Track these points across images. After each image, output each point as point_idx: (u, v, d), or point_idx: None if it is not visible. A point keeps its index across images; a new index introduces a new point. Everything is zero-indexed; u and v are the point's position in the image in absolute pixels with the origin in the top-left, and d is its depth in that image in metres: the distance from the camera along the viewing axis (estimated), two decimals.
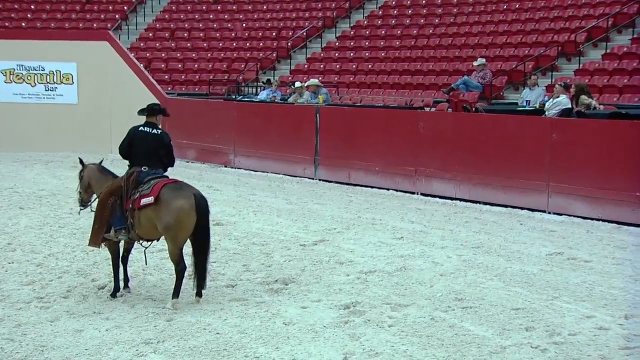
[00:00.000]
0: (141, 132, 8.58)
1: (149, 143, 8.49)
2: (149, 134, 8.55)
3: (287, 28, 28.79)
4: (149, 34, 29.82)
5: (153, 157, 8.51)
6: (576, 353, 6.75)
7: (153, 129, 8.61)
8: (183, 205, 7.99)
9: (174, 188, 8.18)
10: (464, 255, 10.35)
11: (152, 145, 8.49)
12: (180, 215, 7.99)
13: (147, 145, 8.49)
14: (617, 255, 10.38)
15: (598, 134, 12.93)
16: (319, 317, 7.76)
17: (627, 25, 21.07)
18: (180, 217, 8.00)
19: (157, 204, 8.07)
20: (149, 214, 8.14)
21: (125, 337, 7.23)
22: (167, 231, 8.08)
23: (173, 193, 8.10)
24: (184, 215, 8.00)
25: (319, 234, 11.72)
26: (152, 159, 8.49)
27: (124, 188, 8.39)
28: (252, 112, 19.75)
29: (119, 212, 8.35)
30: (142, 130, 8.59)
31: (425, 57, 23.57)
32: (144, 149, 8.48)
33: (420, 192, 15.36)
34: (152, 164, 8.49)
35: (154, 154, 8.51)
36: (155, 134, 8.56)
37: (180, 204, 8.00)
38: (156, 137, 8.54)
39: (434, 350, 6.83)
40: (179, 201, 8.02)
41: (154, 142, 8.51)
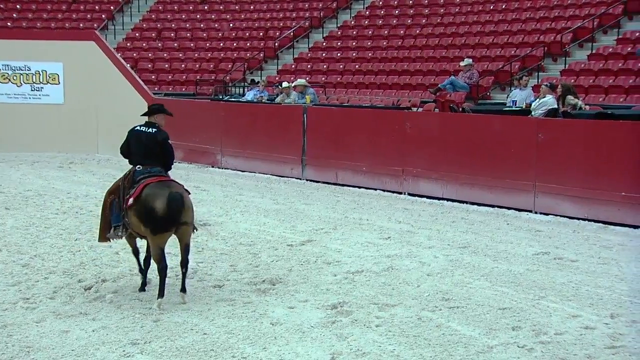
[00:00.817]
0: (137, 131, 8.63)
1: (143, 142, 8.52)
2: (143, 133, 8.58)
3: (274, 28, 28.79)
4: (136, 33, 29.76)
5: (148, 155, 8.51)
6: (562, 352, 6.78)
7: (149, 128, 8.62)
8: (157, 206, 8.01)
9: (156, 187, 8.18)
10: (451, 255, 10.37)
11: (145, 144, 8.51)
12: (154, 214, 8.03)
13: (141, 145, 8.53)
14: (603, 254, 10.43)
15: (584, 134, 12.99)
16: (306, 317, 7.76)
17: (613, 26, 21.19)
18: (153, 216, 8.03)
19: (137, 204, 8.12)
20: (134, 214, 8.20)
21: (111, 338, 7.20)
22: (146, 230, 8.14)
23: (152, 193, 8.11)
24: (157, 215, 8.02)
25: (306, 234, 11.72)
26: (147, 158, 8.51)
27: (121, 187, 8.51)
28: (239, 112, 19.73)
29: (116, 211, 8.49)
30: (138, 130, 8.64)
31: (412, 57, 23.63)
32: (139, 148, 8.54)
33: (407, 192, 15.38)
34: (148, 163, 8.49)
35: (149, 152, 8.52)
36: (150, 132, 8.57)
37: (156, 205, 8.03)
38: (149, 136, 8.55)
39: (421, 350, 6.85)
40: (155, 201, 8.04)
41: (148, 141, 8.52)
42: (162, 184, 8.27)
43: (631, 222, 12.07)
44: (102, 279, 9.14)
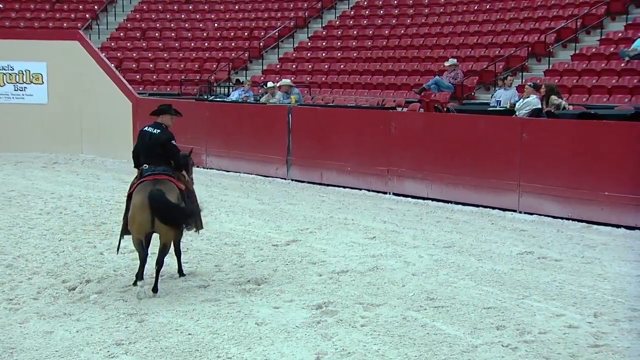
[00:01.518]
0: (144, 131, 8.97)
1: (147, 142, 8.84)
2: (148, 133, 8.90)
3: (259, 28, 28.77)
4: (120, 33, 29.65)
5: (151, 155, 8.81)
6: (546, 351, 6.81)
7: (155, 129, 8.92)
8: (135, 202, 8.40)
9: (142, 185, 8.50)
10: (435, 254, 10.40)
11: (149, 144, 8.81)
12: (133, 210, 8.45)
13: (145, 145, 8.85)
14: (587, 254, 10.49)
15: (568, 134, 13.05)
16: (291, 317, 7.76)
17: (596, 27, 21.30)
18: (133, 212, 8.46)
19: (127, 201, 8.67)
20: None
21: (96, 339, 7.18)
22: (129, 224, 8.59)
23: (138, 189, 8.49)
24: (135, 211, 8.41)
25: (291, 234, 11.72)
26: (150, 158, 8.81)
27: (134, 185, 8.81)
28: (224, 112, 19.69)
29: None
30: (145, 130, 8.98)
31: (397, 57, 23.67)
32: (144, 148, 8.87)
33: (392, 192, 15.41)
34: (153, 162, 8.79)
35: (151, 152, 8.81)
36: (153, 133, 8.87)
37: (134, 201, 8.44)
38: (153, 137, 8.84)
39: (406, 350, 6.86)
40: (136, 197, 8.44)
41: (151, 142, 8.82)
42: (151, 182, 8.51)
43: (614, 221, 12.15)
44: (87, 279, 9.11)
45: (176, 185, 8.72)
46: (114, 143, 21.63)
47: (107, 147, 21.67)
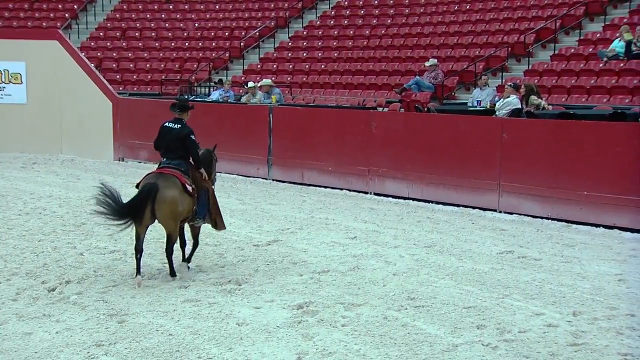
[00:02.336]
0: (165, 127, 9.42)
1: (167, 137, 9.31)
2: (168, 128, 9.37)
3: (240, 28, 28.72)
4: (100, 33, 29.50)
5: (170, 149, 9.29)
6: (526, 350, 6.85)
7: (175, 124, 9.36)
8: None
9: (146, 179, 9.04)
10: (416, 254, 10.43)
11: (169, 139, 9.28)
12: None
13: (165, 139, 9.32)
14: (566, 253, 10.56)
15: (547, 134, 13.12)
16: (272, 317, 7.76)
17: (574, 27, 21.45)
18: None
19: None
20: None
21: (76, 340, 7.14)
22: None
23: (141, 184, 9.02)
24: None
25: (272, 234, 11.71)
26: (169, 152, 9.30)
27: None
28: (204, 112, 19.58)
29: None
30: (165, 126, 9.43)
31: (377, 58, 23.71)
32: (164, 143, 9.35)
33: (373, 192, 15.44)
34: (170, 156, 9.28)
35: (170, 146, 9.28)
36: (174, 128, 9.32)
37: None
38: (173, 131, 9.29)
39: (387, 349, 6.88)
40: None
41: (171, 136, 9.27)
42: (154, 175, 9.05)
43: (593, 221, 12.24)
44: (66, 280, 9.06)
45: (180, 180, 8.99)
46: (94, 143, 21.53)
47: (87, 147, 21.57)
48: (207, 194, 9.47)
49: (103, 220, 8.85)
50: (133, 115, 21.08)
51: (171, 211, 8.90)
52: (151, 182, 8.85)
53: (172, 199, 8.84)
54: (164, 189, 8.82)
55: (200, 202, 9.34)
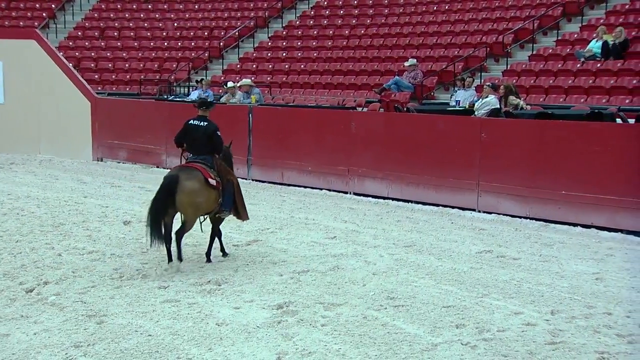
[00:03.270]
0: (191, 125, 9.92)
1: (193, 134, 9.85)
2: (194, 126, 9.89)
3: (219, 28, 28.67)
4: (78, 32, 29.35)
5: (196, 145, 9.85)
6: (505, 349, 6.89)
7: (201, 122, 9.89)
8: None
9: (171, 170, 9.67)
10: (396, 254, 10.45)
11: (196, 136, 9.83)
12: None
13: (192, 137, 9.86)
14: (544, 252, 10.62)
15: (525, 133, 13.20)
16: (252, 317, 7.75)
17: (552, 28, 21.60)
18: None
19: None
20: None
21: (54, 341, 7.10)
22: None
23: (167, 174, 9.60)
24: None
25: (252, 234, 11.70)
26: (196, 147, 9.86)
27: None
28: (184, 112, 19.50)
29: None
30: (191, 124, 9.93)
31: (357, 57, 23.75)
32: (191, 140, 9.89)
33: (352, 192, 15.46)
34: (196, 152, 9.86)
35: (198, 143, 9.83)
36: (201, 125, 9.87)
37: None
38: (201, 128, 9.84)
39: (367, 349, 6.89)
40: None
41: (198, 134, 9.83)
42: (180, 168, 9.62)
43: (571, 220, 12.32)
44: (44, 281, 9.00)
45: (203, 173, 9.51)
46: (73, 143, 21.41)
47: (65, 147, 21.44)
48: (232, 186, 9.98)
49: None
50: (112, 115, 20.99)
51: (190, 201, 9.39)
52: (172, 174, 9.45)
53: (191, 189, 9.35)
54: (184, 180, 9.35)
55: (226, 195, 9.85)
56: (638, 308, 8.05)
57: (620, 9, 20.52)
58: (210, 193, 9.58)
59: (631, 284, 9.03)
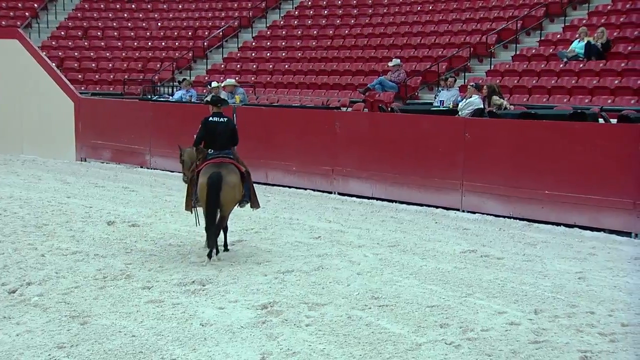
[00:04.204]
0: (213, 122, 10.32)
1: (217, 130, 10.26)
2: (216, 122, 10.31)
3: (203, 27, 28.60)
4: (61, 32, 29.20)
5: (220, 140, 10.26)
6: (488, 348, 6.91)
7: (221, 118, 10.38)
8: (202, 183, 9.91)
9: (210, 166, 10.00)
10: (380, 253, 10.47)
11: (220, 131, 10.26)
12: (200, 189, 9.98)
13: (215, 132, 10.25)
14: (528, 252, 10.67)
15: (509, 133, 13.26)
16: (236, 317, 7.74)
17: (535, 28, 21.69)
18: (200, 190, 9.99)
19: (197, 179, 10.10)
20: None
21: (37, 342, 7.06)
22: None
23: (205, 171, 9.99)
24: (201, 190, 9.95)
25: (236, 234, 11.68)
26: (219, 143, 10.26)
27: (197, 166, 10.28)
28: (168, 112, 19.53)
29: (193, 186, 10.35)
30: (212, 121, 10.33)
31: (341, 58, 23.76)
32: (215, 135, 10.25)
33: (337, 192, 15.47)
34: (217, 147, 10.24)
35: (221, 138, 10.27)
36: (223, 121, 10.36)
37: (201, 180, 9.96)
38: (223, 124, 10.33)
39: (351, 349, 6.90)
40: (202, 178, 9.95)
41: (222, 129, 10.28)
42: (215, 165, 9.99)
43: (554, 220, 12.39)
44: (27, 281, 8.95)
45: (237, 167, 10.14)
46: (56, 143, 21.31)
47: (48, 148, 21.33)
48: (249, 176, 10.53)
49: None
50: (95, 115, 20.90)
51: (233, 196, 10.04)
52: (216, 171, 9.85)
53: (234, 184, 9.99)
54: (227, 175, 9.91)
55: (245, 185, 10.37)
56: (620, 307, 8.11)
57: (603, 10, 20.63)
58: (241, 185, 10.21)
59: (614, 283, 9.09)
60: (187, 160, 10.77)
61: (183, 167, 10.83)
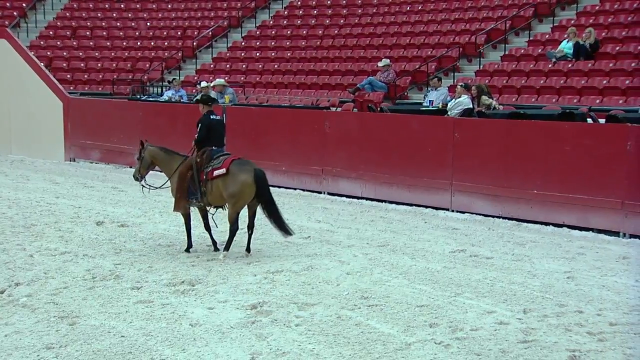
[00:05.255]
0: (214, 120, 10.57)
1: (219, 128, 10.62)
2: (216, 120, 10.62)
3: (193, 27, 28.56)
4: (50, 32, 29.10)
5: (219, 137, 10.56)
6: (478, 348, 6.93)
7: (216, 116, 10.69)
8: (246, 179, 10.04)
9: (240, 163, 10.19)
10: (370, 253, 10.48)
11: (219, 129, 10.59)
12: (243, 186, 10.05)
13: (219, 130, 10.59)
14: (517, 251, 10.70)
15: (498, 133, 13.29)
16: (225, 317, 7.74)
17: (524, 28, 21.75)
18: (242, 187, 10.05)
19: (227, 175, 10.07)
20: (218, 184, 10.14)
21: (25, 343, 7.04)
22: (230, 198, 10.14)
23: (239, 168, 10.11)
24: (246, 186, 10.06)
25: (225, 234, 11.64)
26: (220, 139, 10.59)
27: (199, 164, 10.32)
28: (157, 112, 19.50)
29: (192, 184, 10.32)
30: (214, 119, 10.59)
31: (330, 58, 23.76)
32: (217, 133, 10.51)
33: (326, 192, 15.48)
34: (218, 144, 10.53)
35: (220, 135, 10.59)
36: (219, 119, 10.75)
37: (244, 178, 10.04)
38: (221, 122, 10.76)
39: (341, 349, 6.90)
40: (243, 175, 10.06)
41: (220, 126, 10.68)
42: (246, 161, 10.28)
43: (543, 219, 12.43)
44: (16, 282, 8.92)
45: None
46: (45, 143, 21.24)
47: (37, 148, 21.27)
48: None
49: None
50: (84, 115, 20.85)
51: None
52: (256, 169, 10.14)
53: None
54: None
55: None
56: (609, 306, 8.14)
57: (591, 10, 20.70)
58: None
59: (602, 282, 9.13)
60: (147, 159, 10.87)
61: (140, 164, 10.88)
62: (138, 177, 10.97)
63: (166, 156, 10.90)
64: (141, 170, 10.93)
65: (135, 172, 11.06)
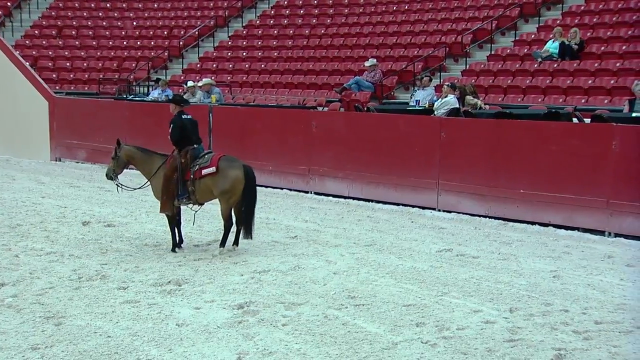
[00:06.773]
0: (187, 119, 10.65)
1: (193, 127, 10.69)
2: (189, 120, 10.67)
3: (179, 27, 28.49)
4: (35, 31, 28.96)
5: (195, 136, 10.66)
6: (464, 347, 6.95)
7: (189, 115, 10.74)
8: (237, 175, 10.23)
9: (228, 160, 10.36)
10: (356, 253, 10.49)
11: (194, 128, 10.71)
12: (235, 182, 10.22)
13: (193, 129, 10.66)
14: (503, 250, 10.74)
15: (484, 133, 13.32)
16: (212, 317, 7.73)
17: (510, 28, 21.82)
18: (234, 183, 10.23)
19: (217, 173, 10.23)
20: (207, 182, 10.28)
21: (10, 344, 7.01)
22: (223, 195, 10.28)
23: (228, 164, 10.29)
24: (237, 182, 10.23)
25: (212, 234, 11.66)
26: (195, 138, 10.65)
27: (184, 163, 10.39)
28: (144, 112, 19.44)
29: (180, 184, 10.38)
30: (187, 119, 10.66)
31: (317, 57, 23.77)
32: (192, 133, 10.60)
33: (313, 191, 15.48)
34: (197, 142, 10.65)
35: (195, 134, 10.68)
36: (192, 119, 10.76)
37: (235, 173, 10.24)
38: (193, 121, 10.75)
39: (327, 348, 6.91)
40: (233, 171, 10.25)
41: (194, 125, 10.74)
42: (232, 158, 10.48)
43: (529, 218, 12.47)
44: (1, 282, 8.89)
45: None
46: (30, 143, 21.14)
47: (22, 148, 21.17)
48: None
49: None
50: (70, 115, 20.76)
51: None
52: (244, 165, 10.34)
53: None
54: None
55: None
56: (594, 305, 8.19)
57: (576, 10, 20.79)
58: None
59: (587, 281, 9.17)
60: (123, 159, 10.88)
61: (115, 163, 10.88)
62: (112, 175, 10.94)
63: (144, 156, 10.91)
64: (116, 169, 10.91)
65: (109, 171, 11.00)
